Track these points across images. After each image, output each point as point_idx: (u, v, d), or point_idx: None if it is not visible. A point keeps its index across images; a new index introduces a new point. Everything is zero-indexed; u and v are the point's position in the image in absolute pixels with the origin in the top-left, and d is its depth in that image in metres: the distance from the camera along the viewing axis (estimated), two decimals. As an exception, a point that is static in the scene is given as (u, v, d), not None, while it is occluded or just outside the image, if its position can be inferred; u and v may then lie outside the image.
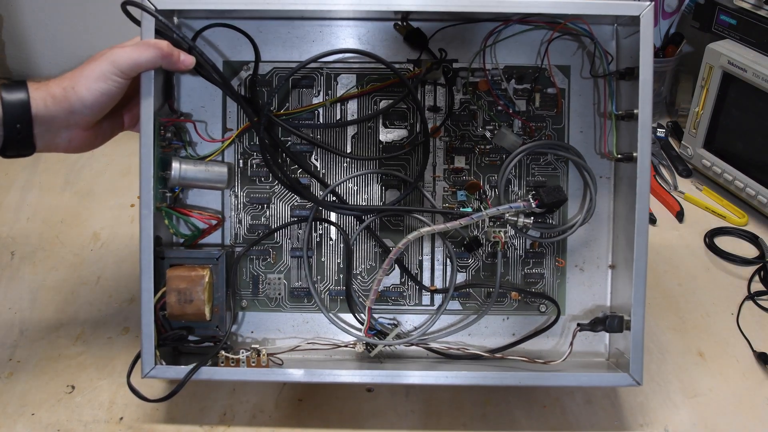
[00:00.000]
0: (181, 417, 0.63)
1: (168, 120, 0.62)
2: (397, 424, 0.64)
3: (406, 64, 0.65)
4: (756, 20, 0.89)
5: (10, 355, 0.68)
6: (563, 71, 0.66)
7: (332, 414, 0.64)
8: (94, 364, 0.67)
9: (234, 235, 0.66)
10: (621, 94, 0.64)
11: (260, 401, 0.65)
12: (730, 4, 0.92)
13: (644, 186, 0.59)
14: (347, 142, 0.66)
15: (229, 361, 0.61)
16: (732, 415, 0.66)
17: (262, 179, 0.66)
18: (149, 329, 0.59)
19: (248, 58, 0.63)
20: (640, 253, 0.59)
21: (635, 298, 0.60)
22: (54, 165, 0.98)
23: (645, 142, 0.59)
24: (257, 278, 0.66)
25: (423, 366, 0.63)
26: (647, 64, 0.59)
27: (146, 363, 0.59)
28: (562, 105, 0.66)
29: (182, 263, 0.61)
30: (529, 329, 0.67)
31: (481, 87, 0.65)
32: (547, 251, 0.67)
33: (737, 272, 0.85)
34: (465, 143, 0.67)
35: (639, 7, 0.59)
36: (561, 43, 0.65)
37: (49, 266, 0.80)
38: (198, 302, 0.60)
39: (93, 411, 0.63)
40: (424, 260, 0.67)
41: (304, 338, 0.66)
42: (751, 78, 0.86)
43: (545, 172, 0.67)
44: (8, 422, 0.61)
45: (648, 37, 0.58)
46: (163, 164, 0.61)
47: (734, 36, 0.92)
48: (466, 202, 0.66)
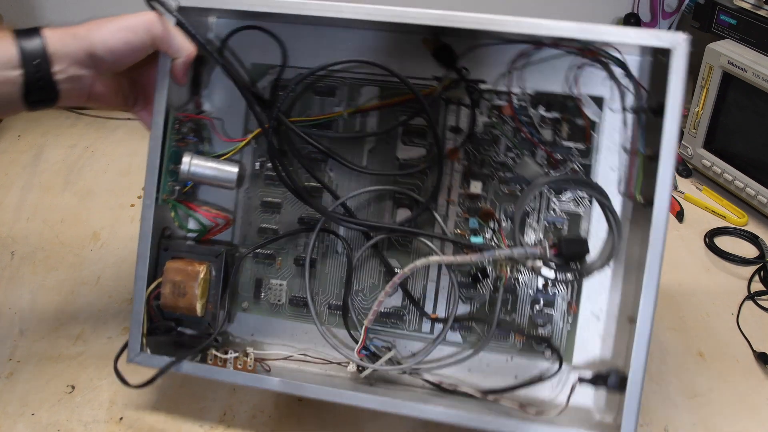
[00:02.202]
0: (181, 417, 0.63)
1: (185, 115, 0.62)
2: (397, 424, 0.64)
3: (427, 80, 0.62)
4: (756, 20, 0.89)
5: (10, 355, 0.68)
6: (596, 102, 0.60)
7: (332, 414, 0.64)
8: (94, 364, 0.67)
9: (243, 236, 0.66)
10: (651, 131, 0.58)
11: (260, 401, 0.65)
12: (730, 4, 0.92)
13: (658, 240, 0.53)
14: (363, 155, 0.64)
15: (217, 359, 0.61)
16: (732, 415, 0.66)
17: (276, 184, 0.65)
18: (139, 316, 0.60)
19: (278, 62, 0.63)
20: (645, 311, 0.53)
21: (635, 358, 0.53)
22: (54, 165, 0.98)
23: (664, 191, 0.52)
24: (260, 282, 0.66)
25: (411, 396, 0.60)
26: (675, 105, 0.52)
27: (132, 349, 0.60)
28: (591, 138, 0.60)
29: (183, 256, 0.62)
30: (533, 373, 0.62)
31: (505, 111, 0.61)
32: (559, 293, 0.62)
33: (737, 272, 0.85)
34: (484, 168, 0.62)
35: (672, 40, 0.52)
36: (597, 72, 0.60)
37: (49, 266, 0.80)
38: (191, 296, 0.60)
39: (93, 411, 0.63)
40: (428, 285, 0.64)
41: (298, 348, 0.65)
42: (751, 78, 0.86)
43: (567, 208, 0.62)
44: (8, 422, 0.61)
45: (679, 75, 0.52)
46: (176, 158, 0.61)
47: (734, 36, 0.92)
48: (479, 230, 0.62)
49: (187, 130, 0.63)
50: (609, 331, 0.61)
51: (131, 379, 0.60)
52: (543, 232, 0.62)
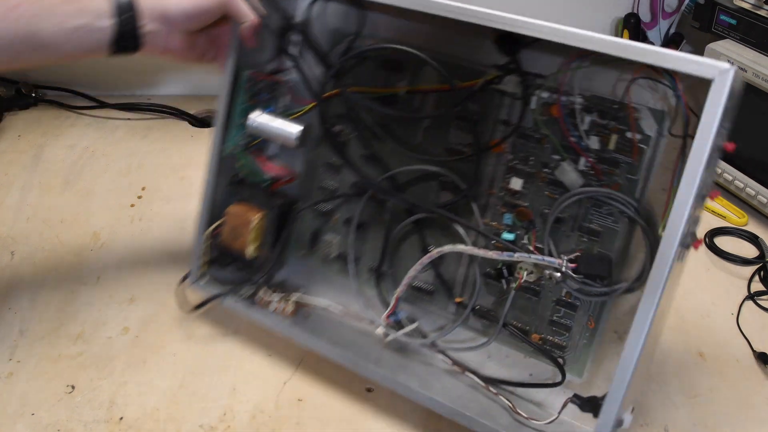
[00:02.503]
0: (181, 417, 0.63)
1: (257, 74, 0.67)
2: (397, 424, 0.64)
3: (486, 67, 0.60)
4: (756, 20, 0.89)
5: (10, 355, 0.68)
6: (655, 116, 0.55)
7: (332, 414, 0.64)
8: (94, 364, 0.67)
9: (306, 192, 0.72)
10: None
11: (260, 401, 0.65)
12: (730, 4, 0.92)
13: (649, 306, 0.48)
14: (419, 132, 0.66)
15: (263, 300, 0.68)
16: (732, 415, 0.66)
17: (342, 148, 0.69)
18: (198, 249, 0.69)
19: (357, 30, 0.66)
20: (628, 357, 0.49)
21: (613, 387, 0.50)
22: (54, 165, 0.98)
23: (666, 260, 0.47)
24: (316, 234, 0.72)
25: (419, 373, 0.63)
26: (702, 144, 0.45)
27: (192, 275, 0.70)
28: (640, 153, 0.55)
29: (246, 202, 0.69)
30: (545, 374, 0.62)
31: (553, 112, 0.58)
32: (582, 305, 0.60)
33: (737, 272, 0.85)
34: (527, 166, 0.61)
35: (715, 69, 0.44)
36: (657, 85, 0.54)
37: (49, 266, 0.80)
38: (243, 240, 0.68)
39: (93, 411, 0.63)
40: (459, 270, 0.66)
41: (337, 302, 0.69)
42: (751, 78, 0.86)
43: (603, 222, 0.58)
44: (8, 422, 0.61)
45: (714, 109, 0.44)
46: (247, 113, 0.67)
47: (734, 36, 0.92)
48: (513, 226, 0.62)
49: (261, 89, 0.68)
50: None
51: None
52: (576, 243, 0.59)
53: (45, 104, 1.13)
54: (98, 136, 1.07)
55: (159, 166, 0.99)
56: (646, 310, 0.48)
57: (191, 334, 0.72)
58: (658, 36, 1.11)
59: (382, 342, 0.65)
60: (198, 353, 0.69)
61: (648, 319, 0.48)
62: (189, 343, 0.70)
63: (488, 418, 0.57)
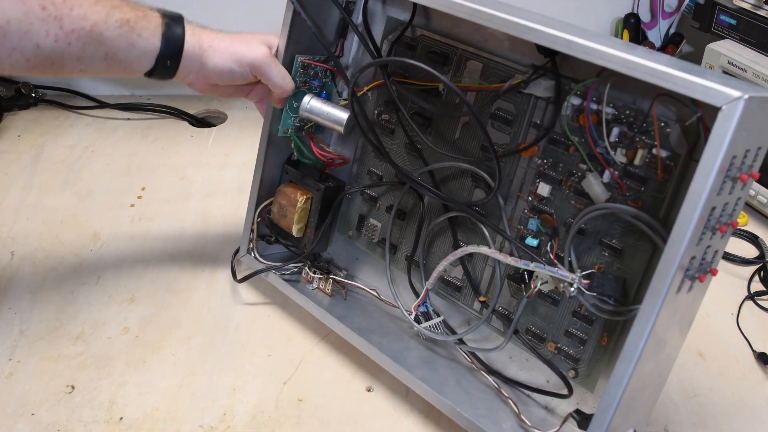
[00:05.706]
0: (181, 417, 0.63)
1: (308, 61, 0.70)
2: (397, 424, 0.64)
3: (525, 67, 0.59)
4: (756, 20, 0.89)
5: (10, 355, 0.68)
6: (687, 135, 0.51)
7: (332, 414, 0.64)
8: (94, 364, 0.67)
9: (357, 175, 0.76)
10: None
11: (260, 401, 0.65)
12: (730, 4, 0.92)
13: (638, 339, 0.45)
14: (458, 128, 0.66)
15: (308, 276, 0.73)
16: (732, 415, 0.66)
17: (388, 134, 0.72)
18: (248, 224, 0.75)
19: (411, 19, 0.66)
20: (615, 384, 0.47)
21: (598, 411, 0.48)
22: (54, 165, 0.98)
23: (658, 291, 0.44)
24: (363, 218, 0.75)
25: (438, 365, 0.65)
26: (704, 175, 0.42)
27: (242, 248, 0.76)
28: (666, 171, 0.52)
29: (298, 182, 0.73)
30: (559, 385, 0.60)
31: (581, 120, 0.56)
32: (597, 320, 0.58)
33: (737, 272, 0.85)
34: (556, 172, 0.59)
35: (723, 97, 0.41)
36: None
37: (49, 266, 0.80)
38: (289, 219, 0.72)
39: (93, 411, 0.63)
40: (486, 269, 0.66)
41: (374, 285, 0.72)
42: (751, 78, 0.86)
43: (626, 240, 0.55)
44: (8, 422, 0.61)
45: (720, 140, 0.41)
46: (300, 97, 0.70)
47: (734, 36, 0.92)
48: (537, 232, 0.61)
49: (313, 75, 0.71)
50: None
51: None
52: (597, 257, 0.57)
53: (45, 104, 1.13)
54: (98, 136, 1.07)
55: (159, 166, 0.99)
56: (634, 344, 0.46)
57: (191, 333, 0.72)
58: (658, 36, 1.11)
59: (410, 331, 0.68)
60: (198, 353, 0.69)
61: (636, 353, 0.46)
62: (189, 343, 0.71)
63: (489, 422, 0.57)
